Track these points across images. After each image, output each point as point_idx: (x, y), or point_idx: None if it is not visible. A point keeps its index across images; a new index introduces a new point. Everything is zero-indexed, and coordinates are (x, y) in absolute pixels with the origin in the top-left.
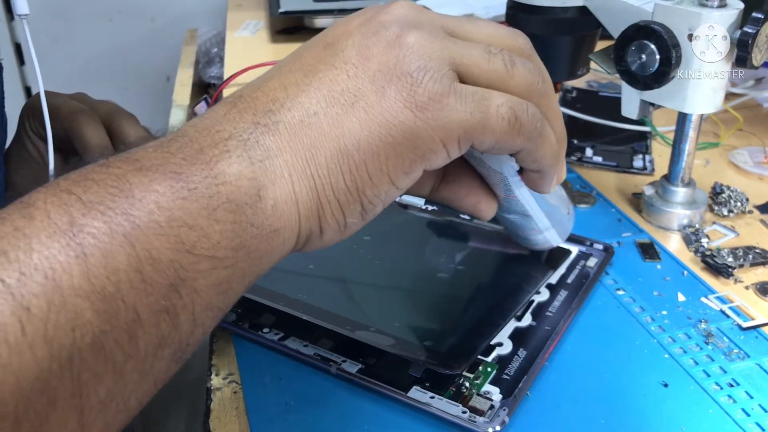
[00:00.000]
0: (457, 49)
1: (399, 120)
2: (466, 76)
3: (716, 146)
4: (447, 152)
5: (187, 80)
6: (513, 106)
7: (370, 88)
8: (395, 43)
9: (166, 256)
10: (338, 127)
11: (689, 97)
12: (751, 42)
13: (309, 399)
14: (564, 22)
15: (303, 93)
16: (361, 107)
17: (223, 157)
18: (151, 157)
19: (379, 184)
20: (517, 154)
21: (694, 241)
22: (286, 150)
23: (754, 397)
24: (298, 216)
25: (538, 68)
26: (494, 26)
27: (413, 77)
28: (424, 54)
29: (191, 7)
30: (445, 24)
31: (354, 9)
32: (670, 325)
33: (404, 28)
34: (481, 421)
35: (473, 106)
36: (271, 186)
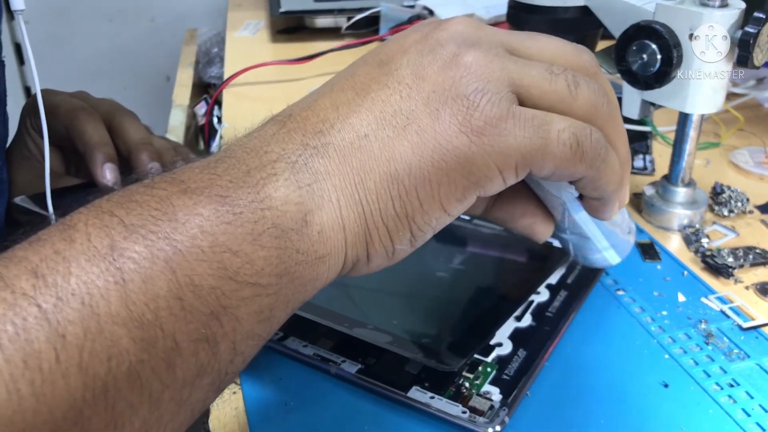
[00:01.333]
0: (516, 69)
1: (453, 145)
2: (526, 98)
3: (717, 146)
4: (503, 179)
5: (187, 80)
6: (575, 132)
7: (424, 111)
8: (452, 62)
9: (208, 283)
10: (389, 151)
11: (690, 97)
12: (753, 42)
13: (308, 399)
14: (565, 22)
15: (354, 114)
16: (414, 130)
17: (270, 180)
18: (197, 179)
19: (430, 211)
20: (578, 181)
21: (694, 242)
22: (334, 173)
23: (755, 397)
24: (345, 242)
25: (604, 89)
26: (557, 42)
27: (469, 100)
28: (482, 75)
29: (191, 7)
30: (505, 41)
31: (354, 9)
32: (671, 326)
33: (461, 47)
34: (481, 422)
35: (533, 131)
36: (318, 211)
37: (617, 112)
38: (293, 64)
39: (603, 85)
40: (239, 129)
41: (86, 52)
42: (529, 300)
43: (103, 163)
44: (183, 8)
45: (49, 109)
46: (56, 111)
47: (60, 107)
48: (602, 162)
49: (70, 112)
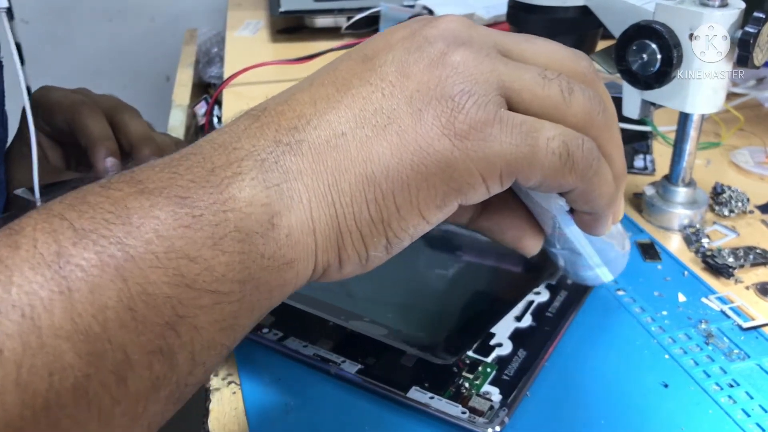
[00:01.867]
0: (507, 72)
1: (434, 148)
2: (516, 103)
3: (717, 146)
4: (486, 187)
5: (186, 80)
6: (566, 140)
7: (406, 110)
8: (439, 61)
9: (162, 292)
10: (367, 151)
11: (690, 97)
12: (753, 42)
13: (308, 399)
14: (565, 22)
15: (332, 110)
16: (394, 131)
17: (235, 179)
18: (156, 178)
19: (408, 217)
20: (568, 193)
21: (694, 242)
22: (307, 173)
23: (755, 397)
24: (315, 246)
25: (600, 96)
26: (554, 46)
27: (455, 101)
28: (470, 75)
29: (191, 7)
30: (499, 42)
31: (354, 9)
32: (671, 326)
33: (451, 45)
34: (481, 422)
35: (520, 138)
36: (287, 213)
37: (614, 122)
38: (293, 63)
39: (600, 92)
40: None
41: (86, 52)
42: (529, 300)
43: (106, 158)
44: (183, 8)
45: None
46: (58, 106)
47: (62, 102)
48: (594, 174)
49: (72, 106)
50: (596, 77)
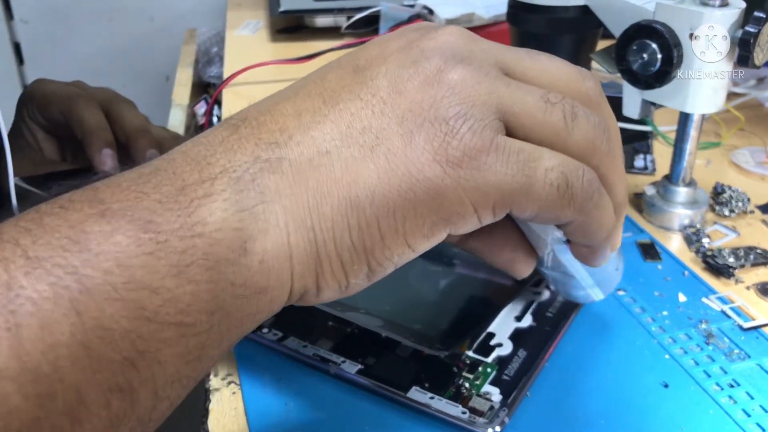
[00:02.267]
0: (508, 94)
1: (424, 175)
2: (515, 128)
3: (718, 146)
4: (478, 218)
5: (186, 80)
6: (565, 171)
7: (396, 131)
8: (434, 79)
9: (121, 326)
10: (352, 173)
11: (690, 97)
12: (753, 41)
13: (308, 399)
14: (565, 22)
15: (318, 125)
16: (382, 152)
17: (206, 200)
18: (121, 197)
19: (392, 246)
20: (565, 225)
21: (695, 242)
22: (285, 194)
23: (755, 397)
24: (291, 273)
25: (605, 122)
26: (559, 64)
27: (449, 125)
28: (467, 97)
29: (191, 7)
30: (500, 59)
31: (354, 8)
32: (671, 326)
33: (448, 62)
34: (481, 422)
35: (517, 168)
36: (262, 237)
37: (618, 150)
38: (293, 63)
39: (606, 117)
40: None
41: (85, 52)
42: (529, 300)
43: (102, 149)
44: (182, 8)
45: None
46: (53, 98)
47: (57, 94)
48: (594, 207)
49: (68, 98)
50: (602, 99)
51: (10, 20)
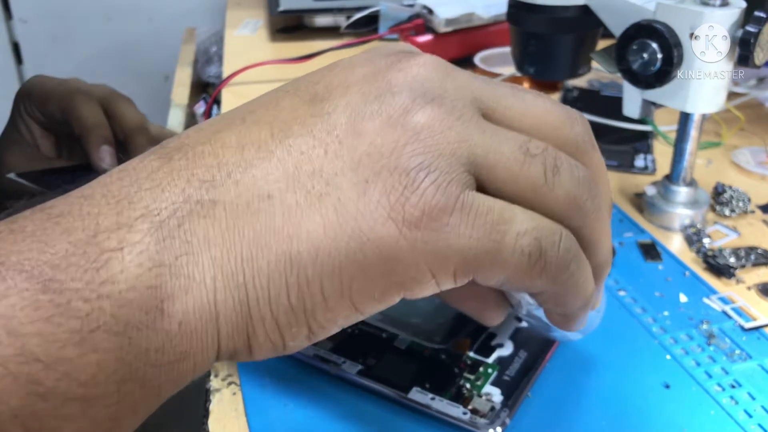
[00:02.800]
0: (481, 142)
1: (377, 234)
2: (487, 181)
3: (718, 146)
4: (436, 284)
5: (185, 79)
6: (539, 237)
7: (350, 178)
8: (399, 120)
9: (9, 406)
10: (294, 224)
11: (691, 97)
12: (753, 41)
13: (309, 400)
14: (565, 21)
15: (261, 162)
16: (332, 203)
17: (119, 254)
18: (22, 247)
19: (336, 308)
20: (536, 294)
21: (695, 242)
22: (216, 243)
23: (757, 398)
24: (218, 335)
25: (593, 175)
26: (545, 104)
27: (409, 177)
28: (433, 145)
29: (190, 6)
30: (479, 96)
31: (354, 8)
32: (672, 326)
33: (417, 100)
34: (482, 423)
35: (483, 231)
36: (182, 296)
37: (605, 207)
38: (292, 63)
39: (595, 167)
40: None
41: (84, 52)
42: None
43: (100, 145)
44: (182, 7)
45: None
46: (52, 94)
47: (56, 90)
48: (569, 277)
49: (67, 94)
50: (591, 146)
51: (9, 20)
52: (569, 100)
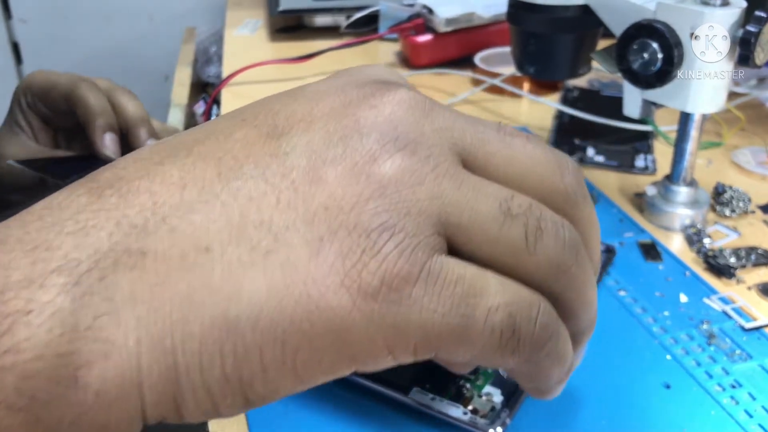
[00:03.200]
0: (457, 199)
1: (327, 303)
2: (459, 243)
3: (719, 146)
4: (393, 358)
5: (185, 79)
6: (514, 312)
7: (303, 235)
8: (363, 169)
9: None
10: (234, 283)
11: (691, 97)
12: (754, 41)
13: (308, 400)
14: (566, 21)
15: (203, 206)
16: (279, 262)
17: (26, 317)
18: None
19: (278, 380)
20: (508, 369)
21: (696, 242)
22: (143, 300)
23: (757, 398)
24: (141, 403)
25: (578, 236)
26: (534, 152)
27: (370, 239)
28: (401, 201)
29: (190, 6)
30: (460, 141)
31: (353, 7)
32: (672, 326)
33: (387, 146)
34: (483, 423)
35: (449, 305)
36: (101, 363)
37: (590, 271)
38: (292, 63)
39: (584, 221)
40: None
41: (84, 51)
42: None
43: (104, 132)
44: (181, 7)
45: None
46: (56, 83)
47: (60, 79)
48: (545, 356)
49: (71, 83)
50: (583, 198)
51: (9, 20)
52: (569, 100)
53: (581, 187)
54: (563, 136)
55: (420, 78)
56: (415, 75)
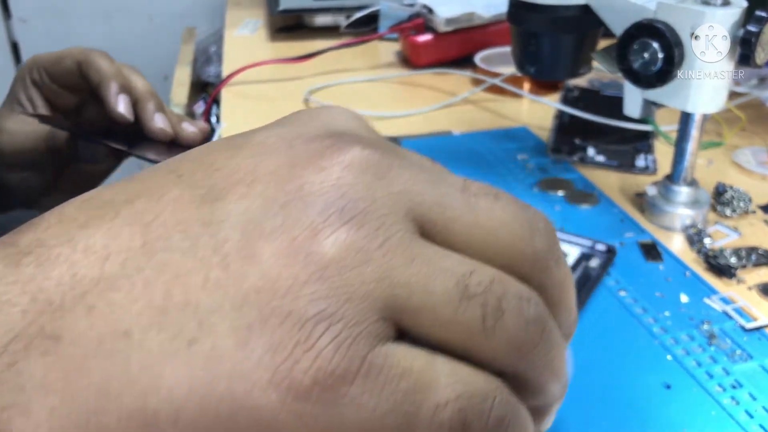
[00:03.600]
0: (407, 278)
1: (253, 402)
2: (409, 327)
3: (719, 146)
4: None
5: (185, 79)
6: (465, 408)
7: (231, 321)
8: (302, 246)
9: None
10: (153, 375)
11: (692, 97)
12: (755, 41)
13: None
14: (566, 21)
15: (125, 283)
16: (202, 352)
17: None
18: None
19: None
20: None
21: (696, 242)
22: (55, 389)
23: (758, 398)
24: None
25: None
26: (503, 215)
27: (304, 330)
28: (342, 286)
29: (189, 5)
30: (418, 206)
31: (353, 7)
32: (673, 326)
33: (332, 218)
34: None
35: (391, 404)
36: None
37: (558, 344)
38: (292, 62)
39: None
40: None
41: None
42: None
43: (118, 93)
44: (181, 6)
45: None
46: (67, 54)
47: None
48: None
49: (83, 52)
50: (554, 261)
51: (8, 19)
52: (570, 100)
53: (553, 249)
54: (563, 136)
55: (420, 78)
56: (415, 75)
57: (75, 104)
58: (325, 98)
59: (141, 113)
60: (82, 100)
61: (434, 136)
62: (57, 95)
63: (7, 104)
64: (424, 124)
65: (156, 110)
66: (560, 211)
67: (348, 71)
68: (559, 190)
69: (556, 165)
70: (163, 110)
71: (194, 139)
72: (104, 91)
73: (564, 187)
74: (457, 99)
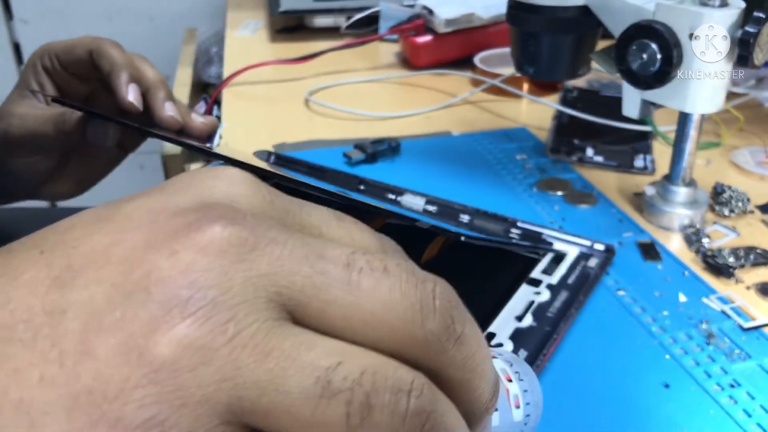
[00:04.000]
0: (256, 378)
1: None
2: (264, 429)
3: (717, 146)
4: None
5: (186, 80)
6: None
7: (59, 425)
8: (137, 345)
9: None
10: None
11: (690, 97)
12: (753, 41)
13: None
14: (565, 22)
15: None
16: None
17: None
18: None
19: None
20: None
21: (695, 242)
22: None
23: (756, 398)
24: None
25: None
26: (389, 295)
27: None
28: (175, 391)
29: (190, 6)
30: (288, 287)
31: (354, 8)
32: (671, 326)
33: (172, 312)
34: None
35: None
36: None
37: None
38: (292, 63)
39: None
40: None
41: None
42: (529, 300)
43: (128, 83)
44: (182, 7)
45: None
46: (79, 42)
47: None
48: None
49: (94, 40)
50: (452, 343)
51: (10, 20)
52: (569, 101)
53: (449, 329)
54: (562, 137)
55: (420, 79)
56: (414, 75)
57: (85, 93)
58: (325, 99)
59: (151, 102)
60: (92, 88)
61: (434, 136)
62: (67, 83)
63: (17, 90)
64: (424, 124)
65: (165, 99)
66: (559, 211)
67: (348, 72)
68: (558, 190)
69: (555, 165)
70: (172, 100)
71: (202, 130)
72: (115, 80)
73: (563, 187)
74: (457, 99)
